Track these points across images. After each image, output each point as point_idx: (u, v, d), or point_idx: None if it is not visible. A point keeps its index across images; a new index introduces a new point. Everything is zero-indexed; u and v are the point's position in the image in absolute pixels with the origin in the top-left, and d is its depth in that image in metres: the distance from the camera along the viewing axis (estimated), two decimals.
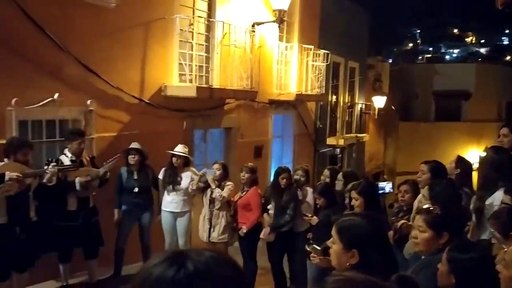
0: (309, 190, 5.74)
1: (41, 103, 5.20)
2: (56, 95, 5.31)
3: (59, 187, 4.80)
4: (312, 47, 9.92)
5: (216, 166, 5.68)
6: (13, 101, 4.94)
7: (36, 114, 5.24)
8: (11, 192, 4.03)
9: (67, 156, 5.02)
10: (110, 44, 5.92)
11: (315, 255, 3.37)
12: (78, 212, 5.01)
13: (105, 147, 5.99)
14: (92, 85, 5.79)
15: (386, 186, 7.42)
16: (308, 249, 3.94)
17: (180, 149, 5.75)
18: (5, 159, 4.42)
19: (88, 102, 5.75)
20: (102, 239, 5.37)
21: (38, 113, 5.24)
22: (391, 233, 3.77)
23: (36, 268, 4.86)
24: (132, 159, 5.55)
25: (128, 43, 6.20)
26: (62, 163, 4.86)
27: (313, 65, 9.97)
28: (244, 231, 5.53)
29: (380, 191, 7.31)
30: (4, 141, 4.66)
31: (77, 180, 4.92)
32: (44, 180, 4.54)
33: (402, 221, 3.85)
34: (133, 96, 6.32)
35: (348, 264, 1.94)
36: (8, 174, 4.15)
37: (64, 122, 5.65)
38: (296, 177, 5.79)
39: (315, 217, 5.01)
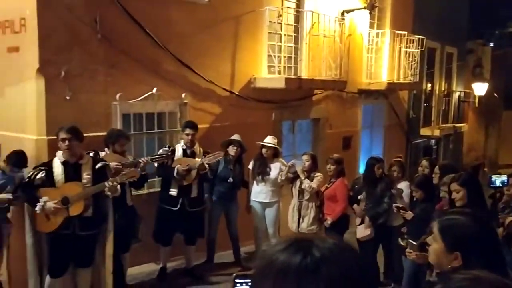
0: (404, 183, 5.50)
1: (141, 97, 5.56)
2: (154, 90, 5.65)
3: (163, 171, 5.11)
4: (405, 33, 9.45)
5: (305, 157, 5.67)
6: (118, 96, 5.35)
7: (137, 108, 5.62)
8: (130, 179, 4.38)
9: (181, 145, 5.37)
10: (204, 39, 6.14)
11: (411, 251, 3.24)
12: (177, 198, 5.28)
13: (198, 138, 6.23)
14: (186, 79, 6.07)
15: (497, 180, 6.56)
16: (402, 243, 3.80)
17: (269, 140, 5.83)
18: (105, 149, 4.80)
19: (183, 95, 6.04)
20: (203, 231, 5.60)
21: (139, 106, 5.62)
22: (499, 230, 3.49)
23: (138, 251, 5.24)
24: (233, 150, 5.71)
25: (220, 38, 6.39)
26: (174, 151, 5.18)
27: (406, 52, 9.50)
28: (329, 222, 5.49)
29: (492, 185, 6.68)
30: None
31: (177, 167, 5.18)
32: (138, 169, 4.82)
33: (511, 218, 3.56)
34: (224, 89, 6.52)
35: (450, 266, 1.82)
36: (111, 164, 4.48)
37: (162, 115, 5.99)
38: (391, 172, 5.58)
39: (409, 212, 4.80)
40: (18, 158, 4.61)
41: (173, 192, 5.28)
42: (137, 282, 5.38)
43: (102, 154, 4.73)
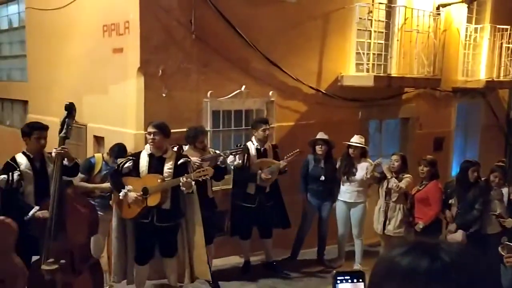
0: (504, 190, 5.11)
1: (230, 95, 5.75)
2: (243, 88, 5.81)
3: (242, 174, 5.24)
4: (508, 27, 8.73)
5: (394, 157, 5.49)
6: (209, 93, 5.58)
7: (226, 105, 5.82)
8: (204, 177, 4.55)
9: (253, 143, 5.43)
10: (291, 38, 6.19)
11: (511, 255, 3.02)
12: (255, 196, 5.40)
13: (283, 136, 6.33)
14: (274, 77, 6.16)
15: None
16: (502, 253, 3.56)
17: (356, 139, 5.73)
18: (187, 146, 5.01)
19: (270, 93, 6.14)
20: (288, 222, 5.64)
21: (228, 104, 5.82)
22: None
23: (222, 243, 5.44)
24: (319, 149, 5.71)
25: (308, 36, 6.39)
26: (248, 149, 5.30)
27: (508, 47, 8.79)
28: (421, 226, 5.27)
29: None
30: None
31: (259, 174, 5.27)
32: (218, 163, 4.98)
33: None
34: (310, 87, 6.51)
35: None
36: (192, 159, 4.67)
37: (249, 112, 6.14)
38: (492, 178, 5.20)
39: (510, 219, 4.46)
40: (119, 151, 4.98)
41: (251, 191, 5.39)
42: (221, 274, 5.59)
43: (185, 148, 4.95)
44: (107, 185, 4.82)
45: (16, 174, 3.97)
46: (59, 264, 3.75)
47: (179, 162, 4.41)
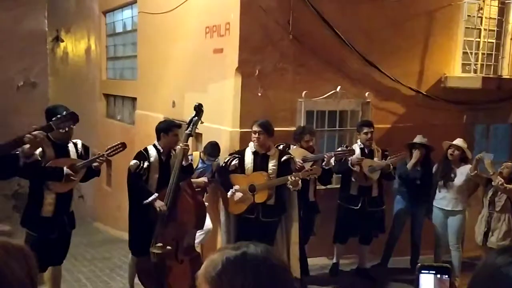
0: None
1: (325, 95, 5.73)
2: (338, 88, 5.75)
3: (339, 168, 5.18)
4: None
5: (508, 164, 5.05)
6: (303, 93, 5.62)
7: (320, 106, 5.81)
8: (312, 176, 4.62)
9: (358, 145, 5.37)
10: (391, 37, 5.99)
11: None
12: (358, 198, 5.30)
13: (379, 138, 6.12)
14: (371, 78, 6.01)
15: None
16: None
17: (458, 142, 5.38)
18: (295, 145, 5.08)
19: (366, 94, 6.00)
20: (384, 227, 5.51)
21: (322, 104, 5.80)
22: None
23: (312, 244, 5.43)
24: (417, 152, 5.49)
25: (409, 34, 6.14)
26: (353, 150, 5.23)
27: None
28: None
29: None
30: (293, 128, 5.36)
31: (351, 159, 5.15)
32: (323, 164, 4.98)
33: None
34: (410, 88, 6.25)
35: None
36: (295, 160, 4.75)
37: (344, 113, 6.07)
38: None
39: None
40: (212, 149, 5.24)
41: (354, 192, 5.31)
42: (310, 273, 5.59)
43: (292, 147, 5.04)
44: (202, 179, 5.11)
45: (146, 164, 4.35)
46: (166, 250, 4.07)
47: (282, 159, 4.56)
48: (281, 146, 4.98)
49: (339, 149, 5.28)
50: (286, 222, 4.74)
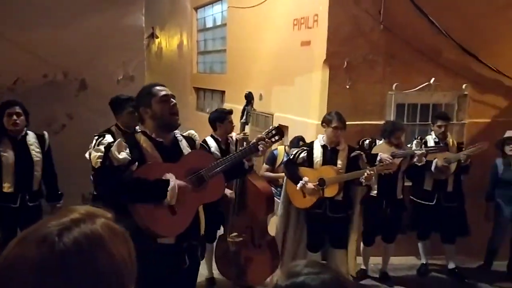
0: None
1: (417, 88, 5.46)
2: (432, 80, 5.45)
3: (418, 168, 4.90)
4: None
5: None
6: (394, 85, 5.40)
7: (412, 98, 5.55)
8: (387, 171, 4.45)
9: (432, 138, 5.12)
10: (494, 24, 5.54)
11: None
12: (433, 193, 5.05)
13: (476, 133, 5.73)
14: (469, 69, 5.61)
15: None
16: None
17: None
18: (382, 140, 4.91)
19: (464, 86, 5.62)
20: (467, 229, 5.21)
21: (414, 97, 5.54)
22: None
23: (400, 243, 5.25)
24: (510, 149, 5.08)
25: None
26: (427, 143, 4.99)
27: None
28: None
29: None
30: (382, 122, 5.18)
31: (434, 161, 4.92)
32: (414, 160, 4.77)
33: None
34: None
35: None
36: (380, 155, 4.59)
37: (438, 106, 5.74)
38: None
39: None
40: (298, 143, 5.22)
41: (428, 187, 5.07)
42: (397, 273, 5.41)
43: (379, 142, 4.88)
44: (280, 174, 5.13)
45: None
46: (242, 238, 4.16)
47: (352, 155, 4.43)
48: (367, 141, 4.85)
49: (430, 145, 5.01)
50: (350, 219, 4.64)
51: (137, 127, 4.32)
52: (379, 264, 5.33)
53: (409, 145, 5.03)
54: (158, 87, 2.75)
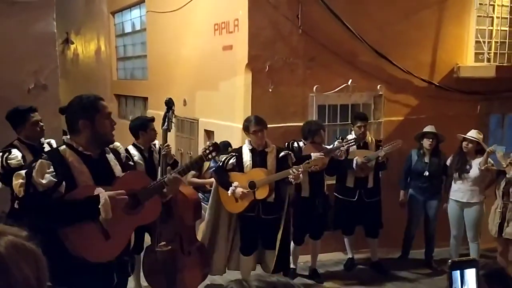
0: None
1: (336, 89, 5.69)
2: (349, 81, 5.71)
3: (339, 163, 5.11)
4: None
5: None
6: (315, 88, 5.58)
7: (332, 100, 5.77)
8: (314, 168, 4.56)
9: (353, 137, 5.31)
10: (403, 28, 5.92)
11: None
12: (355, 190, 5.29)
13: (392, 131, 6.09)
14: (382, 71, 5.95)
15: None
16: None
17: (472, 134, 5.30)
18: (302, 141, 5.01)
19: (378, 87, 5.95)
20: (381, 222, 5.51)
21: (334, 98, 5.76)
22: None
23: (327, 240, 5.42)
24: (428, 142, 5.44)
25: (420, 25, 6.06)
26: (347, 140, 5.21)
27: None
28: None
29: None
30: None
31: (355, 159, 5.16)
32: (338, 155, 4.95)
33: None
34: (422, 80, 6.18)
35: None
36: (313, 155, 4.70)
37: (356, 107, 6.02)
38: None
39: None
40: (225, 148, 5.21)
41: (350, 184, 5.30)
42: (325, 268, 5.57)
43: (300, 144, 4.99)
44: (213, 179, 5.08)
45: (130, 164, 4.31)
46: (171, 246, 4.05)
47: (280, 155, 4.49)
48: (296, 143, 4.92)
49: (335, 143, 5.19)
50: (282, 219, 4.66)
51: (42, 139, 4.09)
52: (308, 262, 5.46)
53: (330, 146, 5.20)
54: (103, 102, 2.62)
